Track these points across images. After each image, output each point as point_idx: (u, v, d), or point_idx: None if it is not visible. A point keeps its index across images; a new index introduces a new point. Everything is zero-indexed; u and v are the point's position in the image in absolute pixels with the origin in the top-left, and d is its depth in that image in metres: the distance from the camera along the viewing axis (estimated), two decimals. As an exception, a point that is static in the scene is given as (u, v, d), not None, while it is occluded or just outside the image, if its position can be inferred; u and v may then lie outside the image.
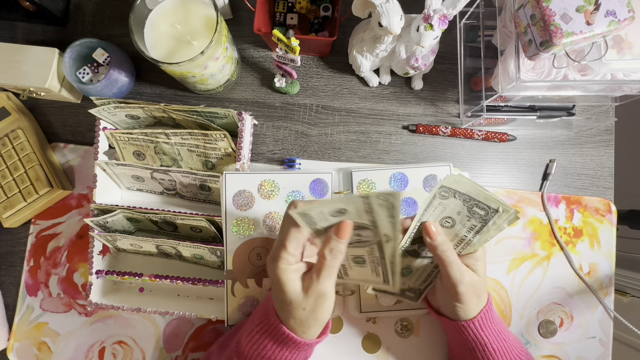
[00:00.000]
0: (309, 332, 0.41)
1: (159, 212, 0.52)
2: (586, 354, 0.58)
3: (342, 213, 0.39)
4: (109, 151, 0.57)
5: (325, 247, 0.39)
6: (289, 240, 0.39)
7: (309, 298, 0.40)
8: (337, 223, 0.39)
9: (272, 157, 0.61)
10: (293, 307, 0.40)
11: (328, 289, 0.40)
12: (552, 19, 0.41)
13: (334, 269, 0.40)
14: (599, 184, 0.61)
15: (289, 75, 0.57)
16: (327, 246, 0.39)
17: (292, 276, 0.40)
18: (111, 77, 0.56)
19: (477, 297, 0.45)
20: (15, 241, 0.61)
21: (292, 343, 0.41)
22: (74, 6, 0.64)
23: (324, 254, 0.39)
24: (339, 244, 0.39)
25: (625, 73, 0.47)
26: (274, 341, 0.41)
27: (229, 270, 0.52)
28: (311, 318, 0.40)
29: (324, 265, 0.39)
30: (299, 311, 0.40)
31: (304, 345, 0.41)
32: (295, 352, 0.42)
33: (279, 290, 0.40)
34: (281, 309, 0.41)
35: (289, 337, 0.40)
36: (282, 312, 0.41)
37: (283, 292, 0.40)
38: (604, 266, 0.60)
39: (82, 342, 0.58)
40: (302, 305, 0.40)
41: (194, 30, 0.51)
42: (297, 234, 0.39)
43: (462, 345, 0.48)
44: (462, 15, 0.60)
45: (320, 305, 0.40)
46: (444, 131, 0.60)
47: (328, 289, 0.40)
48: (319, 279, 0.39)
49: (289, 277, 0.40)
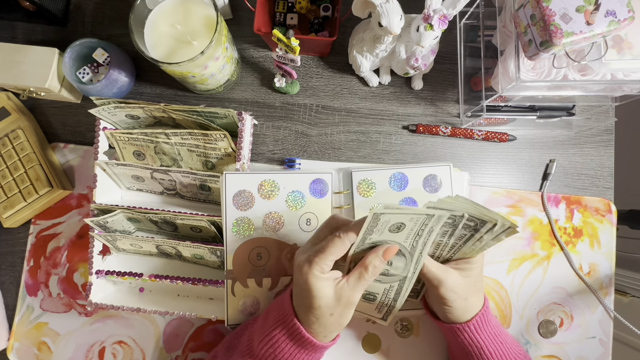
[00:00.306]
0: (329, 336, 0.42)
1: (159, 212, 0.52)
2: (586, 354, 0.58)
3: (398, 229, 0.39)
4: (109, 151, 0.57)
5: (370, 262, 0.40)
6: (331, 249, 0.39)
7: (340, 305, 0.40)
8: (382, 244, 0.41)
9: (272, 157, 0.61)
10: (321, 312, 0.40)
11: (357, 298, 0.41)
12: (552, 19, 0.41)
13: (368, 283, 0.41)
14: (599, 184, 0.61)
15: (289, 75, 0.57)
16: (372, 262, 0.40)
17: (326, 283, 0.40)
18: (111, 77, 0.56)
19: (464, 299, 0.45)
20: (15, 241, 0.61)
21: (311, 346, 0.41)
22: (74, 6, 0.64)
23: (367, 265, 0.40)
24: (382, 264, 0.40)
25: (625, 73, 0.47)
26: (292, 344, 0.42)
27: (229, 270, 0.52)
28: (336, 324, 0.41)
29: (363, 277, 0.40)
30: (326, 317, 0.40)
31: (322, 348, 0.42)
32: (312, 354, 0.42)
33: (308, 295, 0.40)
34: (307, 313, 0.41)
35: (310, 341, 0.41)
36: (306, 316, 0.41)
37: (313, 297, 0.40)
38: (604, 266, 0.60)
39: (82, 342, 0.58)
40: (331, 311, 0.40)
41: (194, 30, 0.51)
42: (340, 245, 0.40)
43: (459, 348, 0.48)
44: (462, 15, 0.60)
45: (346, 313, 0.41)
46: (444, 131, 0.60)
47: (357, 299, 0.41)
48: (354, 289, 0.40)
49: (322, 283, 0.40)
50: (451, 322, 0.46)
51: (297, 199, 0.54)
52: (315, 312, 0.40)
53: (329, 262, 0.40)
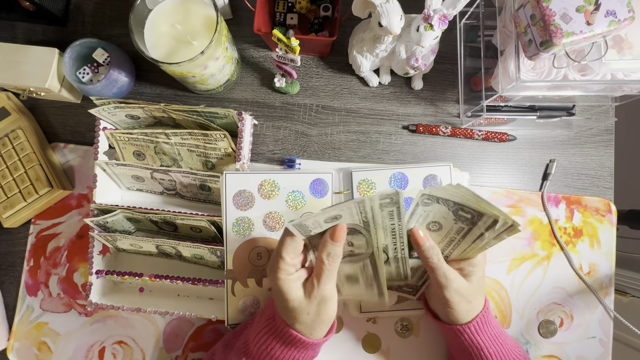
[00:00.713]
0: (315, 333, 0.42)
1: (159, 212, 0.52)
2: (586, 354, 0.58)
3: (336, 219, 0.39)
4: (109, 151, 0.57)
5: (322, 252, 0.40)
6: (285, 250, 0.40)
7: (312, 303, 0.41)
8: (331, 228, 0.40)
9: (272, 157, 0.61)
10: (297, 313, 0.41)
11: (329, 292, 0.41)
12: (552, 19, 0.41)
13: (333, 273, 0.41)
14: (599, 184, 0.61)
15: (289, 75, 0.57)
16: (324, 251, 0.40)
17: (293, 284, 0.41)
18: (111, 77, 0.56)
19: (468, 302, 0.45)
20: (15, 241, 0.61)
21: (300, 344, 0.42)
22: (74, 6, 0.64)
23: (322, 258, 0.40)
24: (335, 247, 0.40)
25: (625, 73, 0.47)
26: (281, 343, 0.42)
27: (229, 269, 0.52)
28: (316, 321, 0.41)
29: (323, 269, 0.40)
30: (303, 316, 0.41)
31: (312, 345, 0.43)
32: (303, 351, 0.43)
33: (281, 298, 0.41)
34: (286, 315, 0.42)
35: (297, 338, 0.41)
36: (287, 317, 0.42)
37: (285, 300, 0.41)
38: (604, 266, 0.60)
39: (82, 342, 0.58)
40: (306, 311, 0.41)
41: (194, 30, 0.51)
42: (292, 244, 0.40)
43: (459, 349, 0.48)
44: (462, 15, 0.60)
45: (323, 309, 0.41)
46: (444, 131, 0.60)
47: (329, 292, 0.41)
48: (320, 284, 0.40)
49: (289, 285, 0.41)
50: (452, 323, 0.46)
51: (297, 199, 0.54)
52: (292, 313, 0.41)
53: (290, 262, 0.40)
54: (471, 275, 0.45)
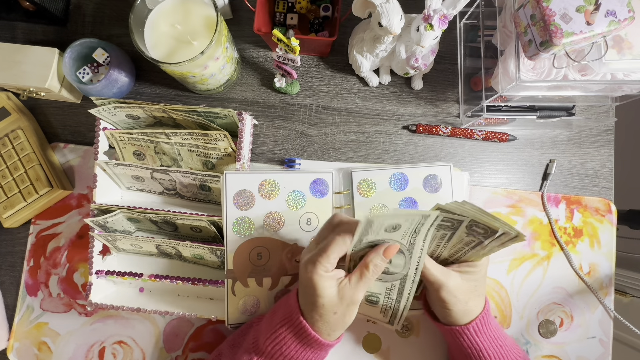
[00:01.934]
0: (333, 334, 0.43)
1: (159, 212, 0.52)
2: (586, 354, 0.58)
3: (394, 229, 0.40)
4: (109, 151, 0.57)
5: (370, 261, 0.41)
6: (332, 248, 0.40)
7: (342, 303, 0.41)
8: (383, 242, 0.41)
9: (272, 157, 0.61)
10: (325, 310, 0.41)
11: (360, 297, 0.41)
12: (552, 19, 0.41)
13: (370, 282, 0.41)
14: (599, 184, 0.61)
15: (289, 75, 0.57)
16: (373, 260, 0.41)
17: (330, 282, 0.41)
18: (111, 77, 0.56)
19: (464, 303, 0.45)
20: (15, 241, 0.61)
21: (317, 344, 0.42)
22: (74, 6, 0.64)
23: (368, 265, 0.41)
24: (383, 263, 0.41)
25: (625, 73, 0.47)
26: (298, 341, 0.42)
27: (229, 269, 0.52)
28: (340, 322, 0.42)
29: (365, 275, 0.41)
30: (330, 315, 0.41)
31: (327, 346, 0.43)
32: (318, 352, 0.43)
33: (312, 294, 0.41)
34: (311, 311, 0.42)
35: (315, 338, 0.41)
36: (311, 314, 0.42)
37: (317, 296, 0.40)
38: (604, 266, 0.60)
39: (82, 342, 0.58)
40: (334, 310, 0.41)
41: (194, 30, 0.51)
42: (341, 244, 0.40)
43: (459, 350, 0.48)
44: (462, 15, 0.60)
45: (349, 312, 0.42)
46: (444, 131, 0.60)
47: (359, 298, 0.41)
48: (356, 288, 0.41)
49: (326, 283, 0.40)
50: (451, 325, 0.46)
51: (297, 199, 0.54)
52: (319, 310, 0.41)
53: (332, 261, 0.40)
54: (469, 274, 0.45)
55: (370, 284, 0.41)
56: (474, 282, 0.45)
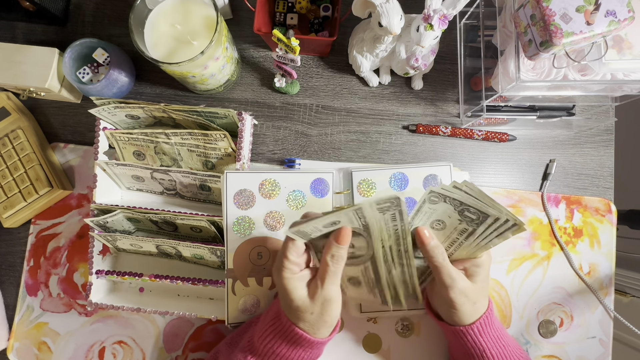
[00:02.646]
0: (319, 332, 0.43)
1: (159, 212, 0.52)
2: (586, 354, 0.58)
3: (335, 224, 0.39)
4: (109, 151, 0.57)
5: (327, 254, 0.40)
6: (289, 250, 0.41)
7: (316, 303, 0.41)
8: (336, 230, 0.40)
9: (272, 157, 0.61)
10: (301, 312, 0.41)
11: (333, 293, 0.41)
12: (552, 19, 0.41)
13: (337, 275, 0.41)
14: (599, 184, 0.61)
15: (289, 75, 0.57)
16: (328, 252, 0.40)
17: (298, 284, 0.41)
18: (111, 77, 0.56)
19: (472, 303, 0.45)
20: (15, 241, 0.61)
21: (305, 342, 0.42)
22: (74, 6, 0.64)
23: (326, 260, 0.40)
24: (340, 250, 0.40)
25: (625, 73, 0.47)
26: (287, 341, 0.43)
27: (229, 269, 0.52)
28: (320, 321, 0.42)
29: (327, 271, 0.41)
30: (307, 315, 0.41)
31: (317, 344, 0.43)
32: (308, 350, 0.43)
33: (286, 297, 0.41)
34: (290, 313, 0.42)
35: (302, 336, 0.42)
36: (291, 316, 0.42)
37: (290, 299, 0.41)
38: (604, 266, 0.60)
39: (82, 342, 0.58)
40: (310, 310, 0.41)
41: (194, 30, 0.51)
42: (292, 245, 0.41)
43: (461, 350, 0.48)
44: (462, 15, 0.60)
45: (327, 310, 0.41)
46: (444, 131, 0.60)
47: (333, 294, 0.41)
48: (323, 285, 0.41)
49: (294, 284, 0.41)
50: (455, 324, 0.46)
51: (298, 199, 0.54)
52: (296, 312, 0.41)
53: (295, 261, 0.41)
54: (475, 275, 0.45)
55: (338, 275, 0.41)
56: (480, 283, 0.45)
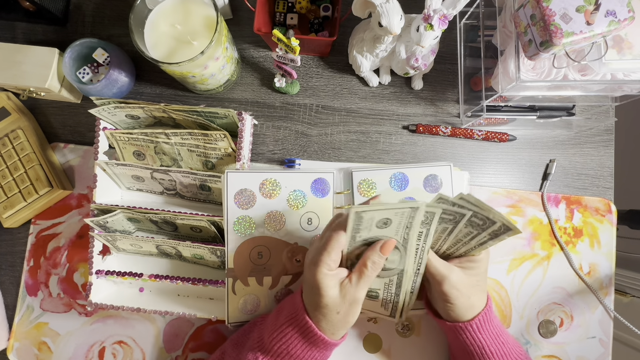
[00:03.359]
0: (337, 333, 0.43)
1: (159, 212, 0.52)
2: (586, 354, 0.58)
3: (386, 224, 0.40)
4: (109, 151, 0.57)
5: (368, 258, 0.41)
6: (332, 245, 0.41)
7: (345, 303, 0.41)
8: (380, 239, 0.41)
9: (272, 157, 0.61)
10: (328, 310, 0.41)
11: (362, 296, 0.42)
12: (552, 19, 0.41)
13: (371, 280, 0.41)
14: (599, 184, 0.61)
15: (289, 75, 0.57)
16: (371, 258, 0.41)
17: (332, 281, 0.41)
18: (111, 77, 0.56)
19: (467, 297, 0.45)
20: (15, 241, 0.61)
21: (322, 343, 0.42)
22: (74, 6, 0.64)
23: (367, 263, 0.41)
24: (381, 259, 0.41)
25: (625, 73, 0.47)
26: (304, 340, 0.43)
27: (229, 268, 0.52)
28: (343, 322, 0.42)
29: (364, 274, 0.41)
30: (333, 315, 0.41)
31: (331, 345, 0.43)
32: (323, 351, 0.44)
33: (316, 293, 0.41)
34: (315, 311, 0.42)
35: (321, 338, 0.42)
36: (314, 313, 0.42)
37: (321, 296, 0.41)
38: (604, 266, 0.60)
39: (82, 342, 0.58)
40: (337, 309, 0.41)
41: (194, 30, 0.51)
42: (339, 241, 0.41)
43: (460, 347, 0.48)
44: (462, 15, 0.60)
45: (352, 311, 0.42)
46: (444, 131, 0.60)
47: (361, 296, 0.42)
48: (357, 287, 0.41)
49: (329, 282, 0.41)
50: (453, 321, 0.46)
51: (298, 198, 0.54)
52: (323, 310, 0.41)
53: (334, 258, 0.41)
54: (470, 269, 0.45)
55: (371, 281, 0.42)
56: (475, 277, 0.45)
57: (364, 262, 0.41)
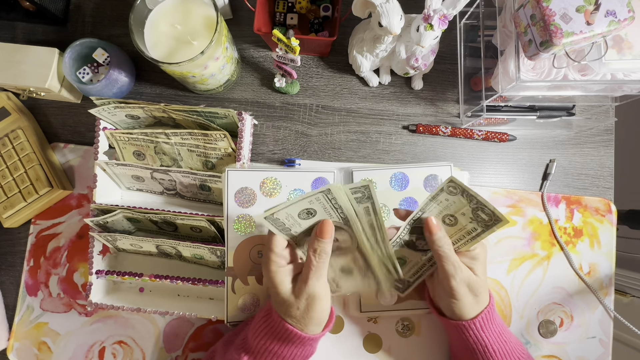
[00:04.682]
0: (307, 329, 0.43)
1: (159, 212, 0.52)
2: (586, 354, 0.58)
3: (311, 214, 0.39)
4: (109, 151, 0.57)
5: (310, 249, 0.41)
6: (273, 243, 0.41)
7: (301, 300, 0.41)
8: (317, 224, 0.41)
9: (272, 157, 0.61)
10: (287, 306, 0.41)
11: (318, 289, 0.41)
12: (552, 19, 0.41)
13: (322, 270, 0.41)
14: (599, 184, 0.61)
15: (289, 75, 0.57)
16: (311, 247, 0.41)
17: (284, 278, 0.42)
18: (111, 77, 0.56)
19: (474, 295, 0.45)
20: (15, 241, 0.61)
21: (295, 338, 0.42)
22: (74, 6, 0.64)
23: (310, 256, 0.41)
24: (323, 244, 0.40)
25: (625, 73, 0.47)
26: (278, 337, 0.43)
27: (229, 267, 0.52)
28: (306, 317, 0.42)
29: (311, 267, 0.41)
30: (294, 310, 0.41)
31: (308, 340, 0.43)
32: (300, 347, 0.43)
33: (273, 291, 0.42)
34: (279, 308, 0.43)
35: (292, 332, 0.42)
36: (280, 310, 0.43)
37: (276, 293, 0.42)
38: (604, 266, 0.60)
39: (82, 342, 0.58)
40: (296, 306, 0.41)
41: (194, 30, 0.51)
42: (277, 239, 0.41)
43: (462, 346, 0.48)
44: (462, 15, 0.60)
45: (312, 306, 0.41)
46: (444, 131, 0.60)
47: (318, 290, 0.41)
48: (308, 281, 0.41)
49: (280, 278, 0.41)
50: (457, 319, 0.46)
51: (297, 199, 0.54)
52: (283, 306, 0.42)
53: (281, 253, 0.41)
54: (474, 268, 0.45)
55: (322, 271, 0.41)
56: (481, 275, 0.45)
57: (307, 256, 0.41)
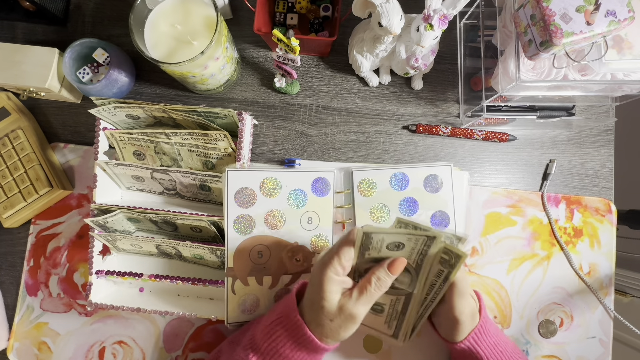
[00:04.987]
0: (326, 340, 0.42)
1: (159, 212, 0.52)
2: (586, 354, 0.58)
3: (398, 247, 0.39)
4: (109, 151, 0.57)
5: (373, 275, 0.40)
6: (343, 251, 0.40)
7: (341, 315, 0.40)
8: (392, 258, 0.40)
9: (272, 157, 0.61)
10: (323, 314, 0.40)
11: (360, 313, 0.40)
12: (552, 19, 0.41)
13: (373, 298, 0.40)
14: (599, 184, 0.61)
15: (289, 75, 0.57)
16: (376, 274, 0.40)
17: (336, 287, 0.40)
18: (111, 77, 0.56)
19: (472, 319, 0.46)
20: (15, 241, 0.61)
21: (310, 344, 0.41)
22: (74, 6, 0.64)
23: (372, 279, 0.40)
24: (388, 278, 0.40)
25: (625, 73, 0.47)
26: (293, 340, 0.42)
27: (229, 267, 0.52)
28: (334, 332, 0.41)
29: (367, 290, 0.40)
30: (326, 320, 0.41)
31: (321, 350, 0.42)
32: (312, 354, 0.42)
33: (317, 294, 0.41)
34: (311, 311, 0.41)
35: (309, 338, 0.41)
36: (309, 312, 0.41)
37: (321, 297, 0.40)
38: (604, 266, 0.60)
39: (82, 342, 0.58)
40: (331, 317, 0.40)
41: (194, 30, 0.51)
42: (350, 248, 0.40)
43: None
44: (462, 15, 0.60)
45: (347, 326, 0.41)
46: (444, 131, 0.60)
47: (360, 313, 0.40)
48: (357, 302, 0.40)
49: (333, 286, 0.40)
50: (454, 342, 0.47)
51: (298, 198, 0.54)
52: (318, 311, 0.41)
53: (343, 263, 0.40)
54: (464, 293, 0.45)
55: (373, 300, 0.41)
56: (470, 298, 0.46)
57: (368, 278, 0.40)
